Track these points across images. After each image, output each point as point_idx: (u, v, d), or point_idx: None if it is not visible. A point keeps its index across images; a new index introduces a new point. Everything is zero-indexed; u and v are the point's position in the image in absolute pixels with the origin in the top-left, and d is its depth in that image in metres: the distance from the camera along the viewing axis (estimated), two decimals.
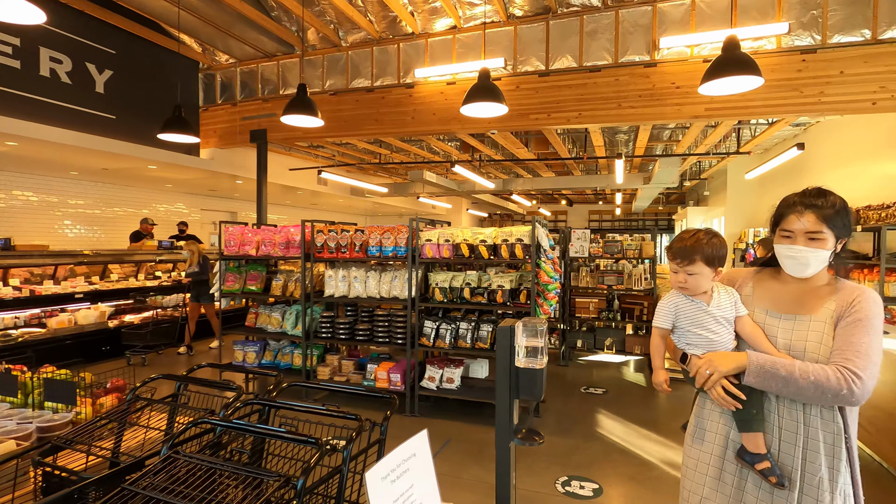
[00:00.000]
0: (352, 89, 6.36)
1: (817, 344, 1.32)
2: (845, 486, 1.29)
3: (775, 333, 1.40)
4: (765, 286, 1.50)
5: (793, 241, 1.37)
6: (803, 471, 1.31)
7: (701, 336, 1.45)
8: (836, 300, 1.35)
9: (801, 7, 4.65)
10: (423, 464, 1.04)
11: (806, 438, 1.32)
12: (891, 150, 5.26)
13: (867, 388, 1.23)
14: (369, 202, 13.31)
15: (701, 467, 1.46)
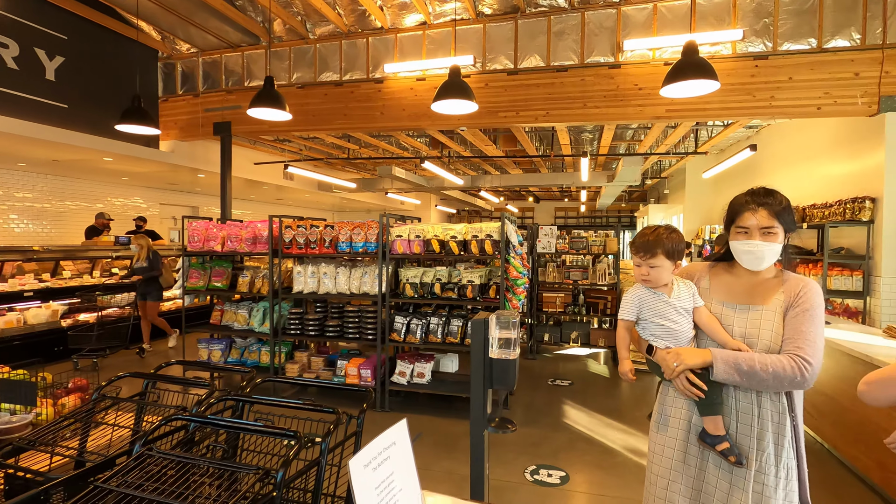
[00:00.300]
0: (320, 83, 6.27)
1: (769, 332, 1.44)
2: (789, 460, 1.41)
3: (731, 323, 1.51)
4: (720, 279, 1.61)
5: (749, 236, 1.48)
6: (757, 449, 1.42)
7: (663, 326, 1.54)
8: (784, 291, 1.48)
9: (754, 15, 4.90)
10: (403, 452, 1.07)
11: (758, 418, 1.43)
12: (833, 152, 5.61)
13: (815, 371, 1.36)
14: (337, 197, 13.15)
15: (667, 452, 1.55)
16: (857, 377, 3.10)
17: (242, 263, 5.37)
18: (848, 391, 3.19)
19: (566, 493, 2.95)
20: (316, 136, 7.97)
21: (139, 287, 6.09)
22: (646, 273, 1.57)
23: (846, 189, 5.27)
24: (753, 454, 1.42)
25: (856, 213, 4.84)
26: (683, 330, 1.53)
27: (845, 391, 3.22)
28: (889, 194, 4.61)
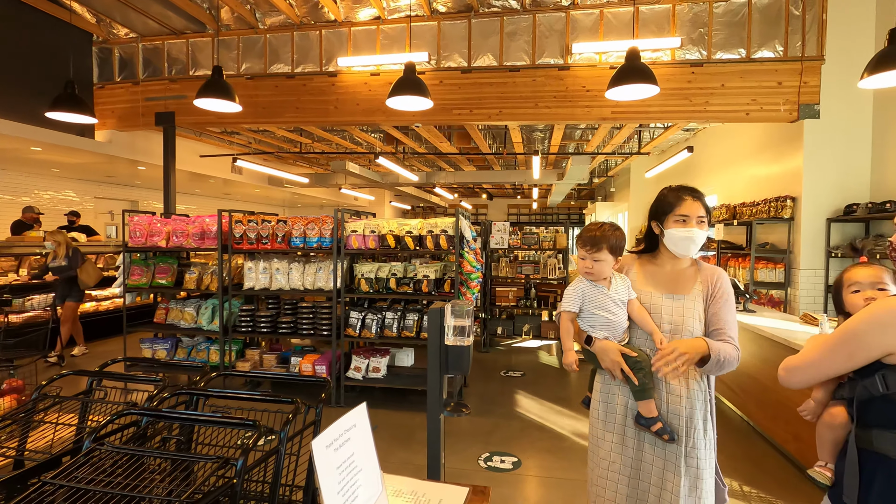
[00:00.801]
0: (270, 74, 6.12)
1: (693, 319, 1.59)
2: (712, 434, 1.58)
3: (661, 311, 1.63)
4: (646, 270, 1.73)
5: (687, 224, 1.60)
6: (687, 427, 1.55)
7: (602, 318, 1.64)
8: (702, 280, 1.64)
9: (691, 25, 5.22)
10: (363, 433, 1.12)
11: (688, 398, 1.57)
12: (760, 155, 6.08)
13: (740, 354, 1.56)
14: (288, 192, 12.83)
15: (607, 436, 1.65)
16: (777, 360, 3.41)
17: (189, 260, 5.17)
18: (770, 373, 3.50)
19: (518, 478, 3.08)
20: (266, 128, 7.76)
21: (58, 288, 5.57)
22: (590, 266, 1.67)
23: (771, 189, 5.73)
24: (684, 431, 1.54)
25: (778, 212, 5.28)
26: (620, 321, 1.64)
27: (767, 373, 3.54)
28: (807, 194, 5.06)
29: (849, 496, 1.16)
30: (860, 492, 1.14)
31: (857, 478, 1.15)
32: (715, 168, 7.45)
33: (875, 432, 1.14)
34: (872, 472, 1.14)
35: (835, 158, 4.99)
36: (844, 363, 1.16)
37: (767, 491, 2.92)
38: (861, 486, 1.14)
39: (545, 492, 2.93)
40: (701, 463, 1.54)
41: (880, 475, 1.12)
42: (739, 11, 5.12)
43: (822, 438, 1.34)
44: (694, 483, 1.53)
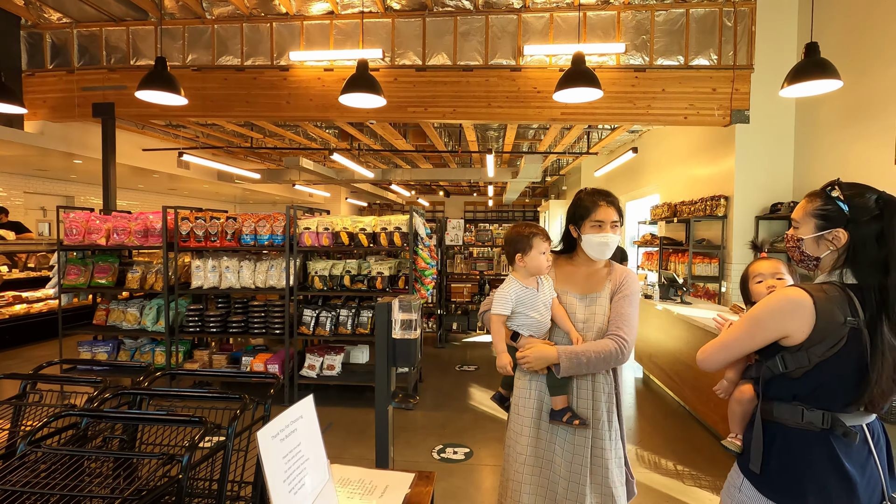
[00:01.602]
0: (219, 66, 5.93)
1: (602, 316, 1.68)
2: (616, 424, 1.70)
3: (575, 310, 1.71)
4: (563, 270, 1.80)
5: (603, 229, 1.68)
6: (592, 417, 1.65)
7: (532, 318, 1.69)
8: (611, 279, 1.74)
9: (634, 31, 5.48)
10: (310, 424, 1.16)
11: (594, 391, 1.67)
12: (698, 157, 6.46)
13: (631, 346, 1.63)
14: (239, 188, 12.45)
15: (524, 430, 1.69)
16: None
17: (131, 258, 4.96)
18: None
19: (469, 467, 3.18)
20: (215, 122, 7.51)
21: None
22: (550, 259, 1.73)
23: (707, 188, 6.11)
24: (591, 422, 1.64)
25: (713, 210, 5.65)
26: (546, 321, 1.70)
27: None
28: (738, 193, 5.44)
29: (754, 463, 1.30)
30: (766, 458, 1.29)
31: (760, 447, 1.29)
32: (658, 168, 7.84)
33: (775, 404, 1.28)
34: (772, 438, 1.29)
35: (762, 161, 5.38)
36: (748, 344, 1.30)
37: (698, 468, 3.15)
38: (763, 452, 1.29)
39: (495, 480, 3.04)
40: (605, 454, 1.63)
41: (779, 439, 1.27)
42: (678, 21, 5.42)
43: (732, 412, 1.49)
44: (599, 472, 1.62)
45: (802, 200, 1.33)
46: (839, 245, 1.23)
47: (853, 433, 1.21)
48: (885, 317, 1.15)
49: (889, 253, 1.16)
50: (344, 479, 1.34)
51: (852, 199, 1.21)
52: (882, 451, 1.25)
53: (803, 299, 1.19)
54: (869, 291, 1.17)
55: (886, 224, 1.17)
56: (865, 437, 1.23)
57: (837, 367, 1.19)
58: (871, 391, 1.17)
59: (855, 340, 1.16)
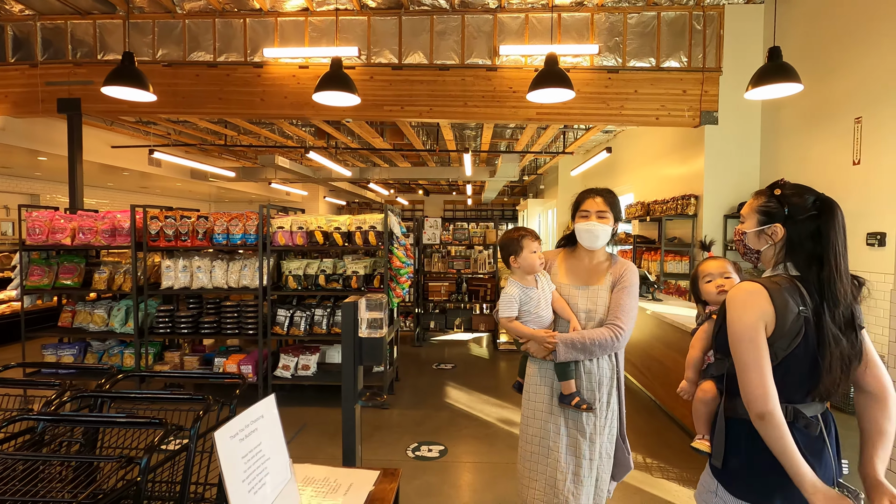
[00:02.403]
0: (190, 62, 5.81)
1: (603, 307, 1.82)
2: (615, 404, 1.83)
3: (577, 301, 1.86)
4: (566, 263, 1.95)
5: (589, 218, 1.83)
6: (596, 399, 1.80)
7: (535, 315, 1.85)
8: (612, 272, 1.86)
9: (608, 33, 5.56)
10: (271, 424, 1.16)
11: (598, 376, 1.80)
12: (670, 157, 6.60)
13: (627, 334, 1.76)
14: (214, 187, 12.21)
15: (537, 414, 1.86)
16: (677, 342, 3.77)
17: (99, 258, 4.83)
18: (671, 355, 3.86)
19: (444, 464, 3.20)
20: (187, 119, 7.35)
21: None
22: (542, 257, 1.90)
23: (678, 188, 6.25)
24: (595, 403, 1.79)
25: (684, 209, 5.78)
26: (548, 315, 1.86)
27: (669, 355, 3.90)
28: (707, 193, 5.58)
29: (716, 458, 1.33)
30: (731, 457, 1.30)
31: (722, 444, 1.32)
32: (631, 168, 7.99)
33: (738, 400, 1.28)
34: (738, 435, 1.29)
35: (730, 161, 5.53)
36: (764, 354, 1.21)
37: (666, 461, 3.24)
38: (730, 450, 1.30)
39: (469, 477, 3.06)
40: (599, 428, 1.79)
41: (744, 436, 1.29)
42: (650, 23, 5.53)
43: (697, 413, 1.48)
44: (593, 440, 1.78)
45: (750, 198, 1.40)
46: (776, 239, 1.30)
47: (814, 424, 1.25)
48: (827, 308, 1.21)
49: (824, 250, 1.22)
50: (308, 479, 1.34)
51: (791, 198, 1.28)
52: (833, 438, 1.30)
53: (756, 288, 1.23)
54: (809, 284, 1.23)
55: (823, 223, 1.23)
56: (821, 426, 1.27)
57: (799, 360, 1.22)
58: (824, 381, 1.22)
59: (809, 330, 1.21)
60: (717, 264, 1.65)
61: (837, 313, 1.21)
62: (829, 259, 1.21)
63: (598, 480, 1.79)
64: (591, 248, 1.86)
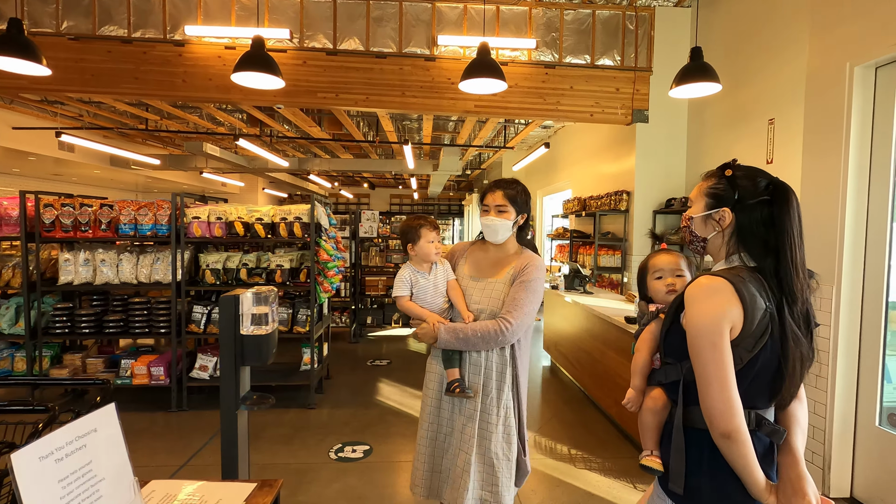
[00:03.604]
0: (101, 37, 5.29)
1: (496, 300, 1.77)
2: (508, 401, 1.76)
3: (472, 293, 1.82)
4: (474, 256, 1.92)
5: (488, 213, 1.80)
6: (482, 393, 1.75)
7: (422, 301, 1.84)
8: (515, 266, 1.80)
9: (545, 28, 5.59)
10: (109, 438, 0.99)
11: (485, 368, 1.75)
12: (605, 153, 6.76)
13: (515, 328, 1.70)
14: (140, 176, 11.37)
15: (427, 402, 1.86)
16: (604, 334, 3.83)
17: None
18: (599, 347, 3.92)
19: (366, 465, 3.07)
20: (101, 100, 6.75)
21: None
22: (440, 248, 1.88)
23: (612, 184, 6.41)
24: (480, 396, 1.75)
25: (617, 204, 5.93)
26: (437, 302, 1.84)
27: (597, 348, 3.96)
28: (638, 189, 5.75)
29: (676, 483, 1.13)
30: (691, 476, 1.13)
31: (683, 465, 1.13)
32: (570, 164, 8.14)
33: (696, 409, 1.11)
34: (700, 448, 1.13)
35: (659, 158, 5.72)
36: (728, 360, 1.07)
37: (591, 451, 3.27)
38: (689, 468, 1.13)
39: (392, 476, 2.96)
40: (491, 427, 1.74)
41: (705, 449, 1.12)
42: (585, 21, 5.60)
43: (646, 425, 1.28)
44: (484, 444, 1.74)
45: (700, 180, 1.27)
46: (724, 226, 1.17)
47: (780, 432, 1.12)
48: (787, 304, 1.09)
49: (778, 239, 1.11)
50: (168, 496, 1.18)
51: (742, 180, 1.16)
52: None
53: (721, 284, 1.08)
54: (769, 277, 1.11)
55: (777, 210, 1.12)
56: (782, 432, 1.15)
57: (765, 362, 1.09)
58: (787, 384, 1.10)
59: (774, 329, 1.08)
60: (670, 259, 1.47)
61: (796, 310, 1.10)
62: (785, 250, 1.09)
63: (493, 480, 1.71)
64: (493, 242, 1.84)
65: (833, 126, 2.73)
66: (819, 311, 2.76)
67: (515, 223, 1.81)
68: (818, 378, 2.78)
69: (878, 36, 2.49)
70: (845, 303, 2.67)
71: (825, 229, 2.75)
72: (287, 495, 2.69)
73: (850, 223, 2.66)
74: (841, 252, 2.67)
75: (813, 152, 2.89)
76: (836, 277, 2.69)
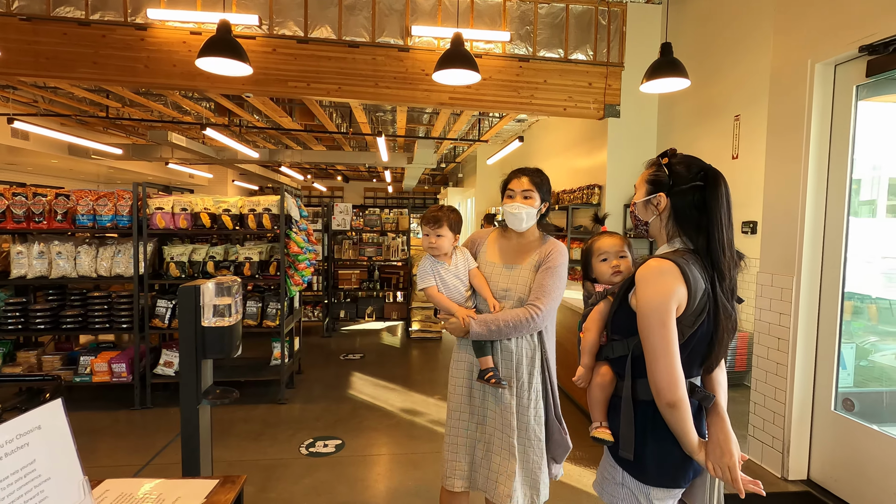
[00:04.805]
0: (56, 18, 5.04)
1: (523, 286, 1.78)
2: (538, 385, 1.79)
3: (497, 280, 1.83)
4: (497, 243, 1.93)
5: (514, 199, 1.79)
6: (515, 378, 1.77)
7: (446, 289, 1.85)
8: (539, 252, 1.82)
9: (519, 21, 5.58)
10: (54, 435, 0.94)
11: (516, 355, 1.77)
12: (577, 147, 6.83)
13: (545, 314, 1.72)
14: (103, 166, 10.91)
15: (456, 390, 1.87)
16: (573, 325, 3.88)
17: None
18: (570, 338, 3.97)
19: (337, 459, 3.03)
20: (57, 86, 6.43)
21: None
22: (433, 242, 1.85)
23: (585, 178, 6.49)
24: (513, 381, 1.76)
25: (589, 198, 6.01)
26: (459, 291, 1.87)
27: (569, 339, 4.01)
28: (609, 183, 5.83)
29: (626, 449, 1.23)
30: (640, 444, 1.22)
31: (632, 432, 1.23)
32: (544, 158, 8.20)
33: (640, 382, 1.22)
34: (644, 418, 1.22)
35: (630, 153, 5.81)
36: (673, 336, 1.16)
37: None
38: (637, 437, 1.22)
39: (364, 471, 2.93)
40: (526, 411, 1.76)
41: (649, 419, 1.21)
42: (559, 15, 5.63)
43: (595, 399, 1.38)
44: (522, 424, 1.77)
45: (644, 169, 1.35)
46: (661, 209, 1.27)
47: (710, 396, 1.23)
48: (718, 280, 1.19)
49: (709, 221, 1.20)
50: (123, 496, 1.13)
51: (676, 167, 1.26)
52: None
53: (669, 267, 1.17)
54: (703, 255, 1.21)
55: (708, 194, 1.21)
56: None
57: (702, 335, 1.20)
58: (716, 353, 1.23)
59: (710, 305, 1.19)
60: (613, 242, 1.54)
61: (725, 286, 1.21)
62: (714, 232, 1.19)
63: (531, 464, 1.75)
64: (516, 230, 1.83)
65: (795, 122, 2.81)
66: (780, 302, 2.85)
67: (539, 210, 1.81)
68: (778, 366, 2.88)
69: (837, 34, 2.57)
70: (804, 294, 2.77)
71: (786, 223, 2.84)
72: (255, 492, 2.63)
73: (809, 218, 2.75)
74: (801, 245, 2.76)
75: (775, 148, 2.97)
76: (797, 270, 2.78)
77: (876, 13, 2.37)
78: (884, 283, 2.89)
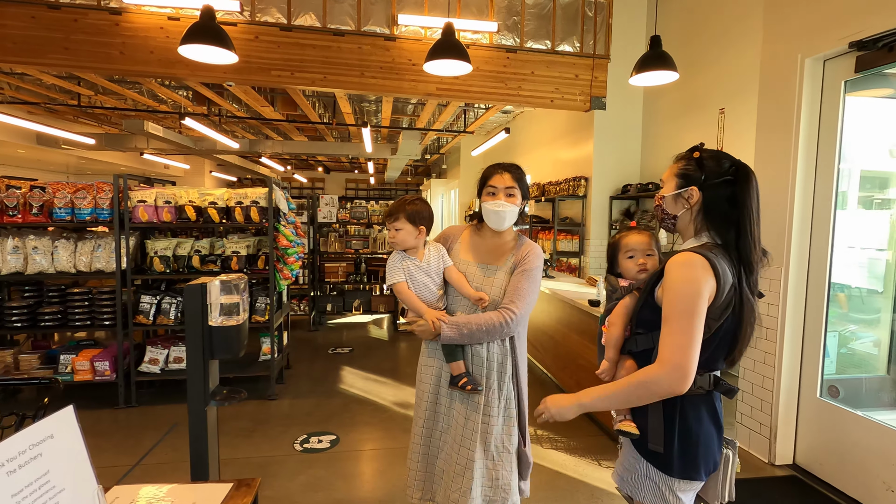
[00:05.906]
0: (24, 1, 4.79)
1: (498, 289, 1.71)
2: (508, 391, 1.72)
3: (472, 279, 1.74)
4: (471, 241, 1.84)
5: (497, 196, 1.69)
6: (486, 384, 1.70)
7: (416, 286, 1.73)
8: (515, 254, 1.76)
9: (506, 12, 5.54)
10: (67, 445, 0.90)
11: (487, 360, 1.70)
12: (564, 139, 6.85)
13: (519, 318, 1.66)
14: (72, 157, 10.50)
15: (423, 396, 1.79)
16: (567, 318, 3.91)
17: None
18: (561, 330, 4.01)
19: (333, 455, 3.01)
20: (24, 72, 6.13)
21: None
22: (393, 236, 1.73)
23: (571, 170, 6.52)
24: (484, 385, 1.70)
25: (575, 190, 6.04)
26: (431, 289, 1.74)
27: (559, 330, 4.05)
28: (596, 175, 5.87)
29: (655, 442, 1.23)
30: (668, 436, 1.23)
31: (662, 425, 1.23)
32: (530, 149, 8.22)
33: None
34: (674, 410, 1.22)
35: (616, 145, 5.86)
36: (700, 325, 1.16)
37: (556, 432, 3.36)
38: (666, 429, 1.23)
39: (360, 466, 2.91)
40: (492, 420, 1.69)
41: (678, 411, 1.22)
42: (546, 6, 5.60)
43: None
44: (487, 437, 1.68)
45: (671, 163, 1.35)
46: (692, 203, 1.27)
47: (735, 389, 1.25)
48: (745, 275, 1.20)
49: (740, 216, 1.21)
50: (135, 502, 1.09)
51: (708, 162, 1.26)
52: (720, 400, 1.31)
53: (700, 261, 1.16)
54: (731, 251, 1.21)
55: (739, 189, 1.22)
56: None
57: (728, 329, 1.21)
58: (740, 347, 1.23)
59: (736, 300, 1.19)
60: (641, 239, 1.51)
61: (752, 280, 1.22)
62: (745, 226, 1.20)
63: (500, 480, 1.67)
64: (496, 229, 1.73)
65: (784, 116, 2.87)
66: (769, 292, 2.92)
67: (520, 208, 1.74)
68: (766, 354, 2.96)
69: (827, 30, 2.61)
70: (792, 284, 2.84)
71: (775, 215, 2.90)
72: None
73: (797, 209, 2.82)
74: (789, 237, 2.83)
75: (764, 141, 3.02)
76: (785, 260, 2.85)
77: (865, 10, 2.42)
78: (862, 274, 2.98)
